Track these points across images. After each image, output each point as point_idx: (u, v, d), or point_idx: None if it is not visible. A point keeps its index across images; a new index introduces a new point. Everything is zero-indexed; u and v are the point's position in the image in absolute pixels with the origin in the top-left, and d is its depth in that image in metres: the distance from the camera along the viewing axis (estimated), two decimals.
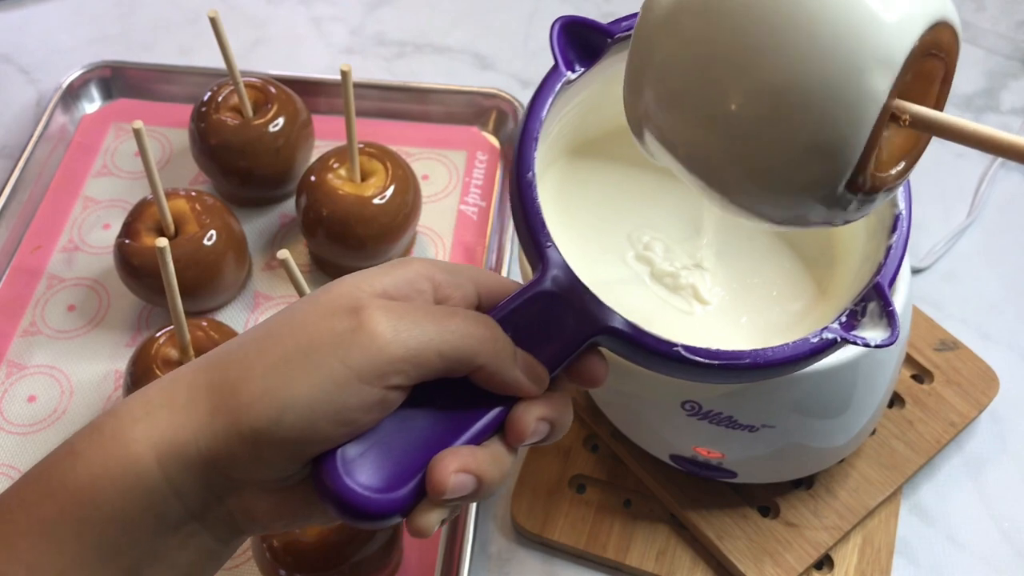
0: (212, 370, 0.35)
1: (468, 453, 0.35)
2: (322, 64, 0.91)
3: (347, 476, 0.34)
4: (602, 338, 0.39)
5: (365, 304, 0.34)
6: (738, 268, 0.49)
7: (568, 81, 0.42)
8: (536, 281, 0.39)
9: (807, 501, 0.63)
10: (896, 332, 0.38)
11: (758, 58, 0.31)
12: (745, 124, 0.32)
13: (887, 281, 0.40)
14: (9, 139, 0.86)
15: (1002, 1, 0.96)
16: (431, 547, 0.63)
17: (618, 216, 0.48)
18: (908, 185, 0.42)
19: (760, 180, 0.34)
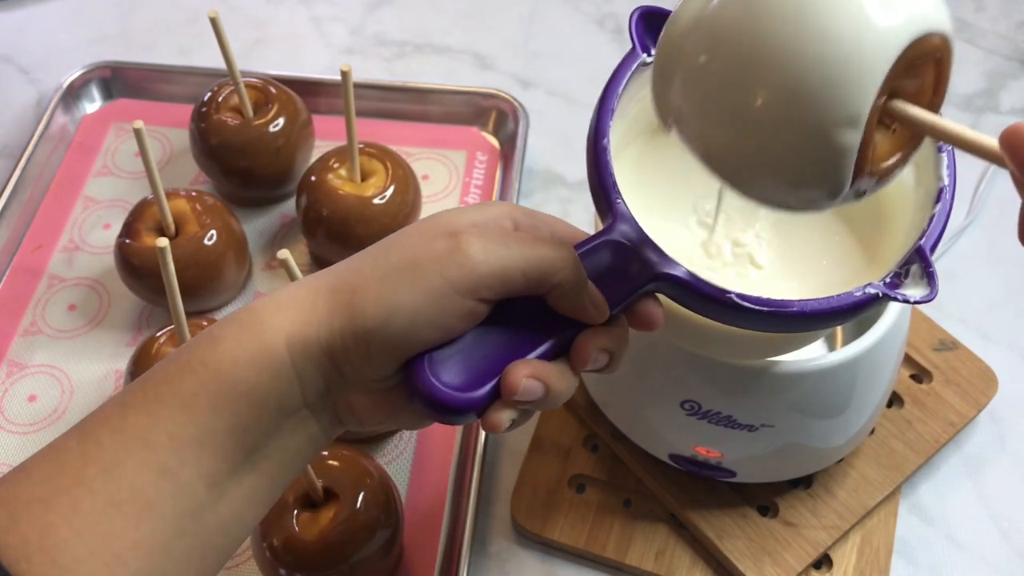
0: (333, 278, 0.40)
1: (539, 364, 0.40)
2: (322, 64, 0.92)
3: (433, 375, 0.39)
4: (662, 284, 0.43)
5: (461, 229, 0.39)
6: (792, 238, 0.52)
7: (644, 63, 0.47)
8: (605, 230, 0.44)
9: (806, 501, 0.63)
10: (935, 290, 0.41)
11: (759, 76, 0.34)
12: (750, 131, 0.36)
13: (929, 245, 0.43)
14: (10, 139, 0.86)
15: (1002, 1, 0.96)
16: (431, 547, 0.63)
17: (687, 186, 0.52)
18: (953, 160, 0.45)
19: (762, 177, 0.38)
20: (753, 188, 0.38)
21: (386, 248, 0.41)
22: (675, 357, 0.55)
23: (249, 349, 0.38)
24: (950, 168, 0.45)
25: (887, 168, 0.38)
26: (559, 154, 0.85)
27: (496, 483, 0.67)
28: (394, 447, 0.67)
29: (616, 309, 0.42)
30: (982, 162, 0.85)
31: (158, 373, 0.39)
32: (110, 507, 0.36)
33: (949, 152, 0.45)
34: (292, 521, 0.56)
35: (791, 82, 0.34)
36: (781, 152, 0.36)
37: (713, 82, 0.36)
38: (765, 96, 0.35)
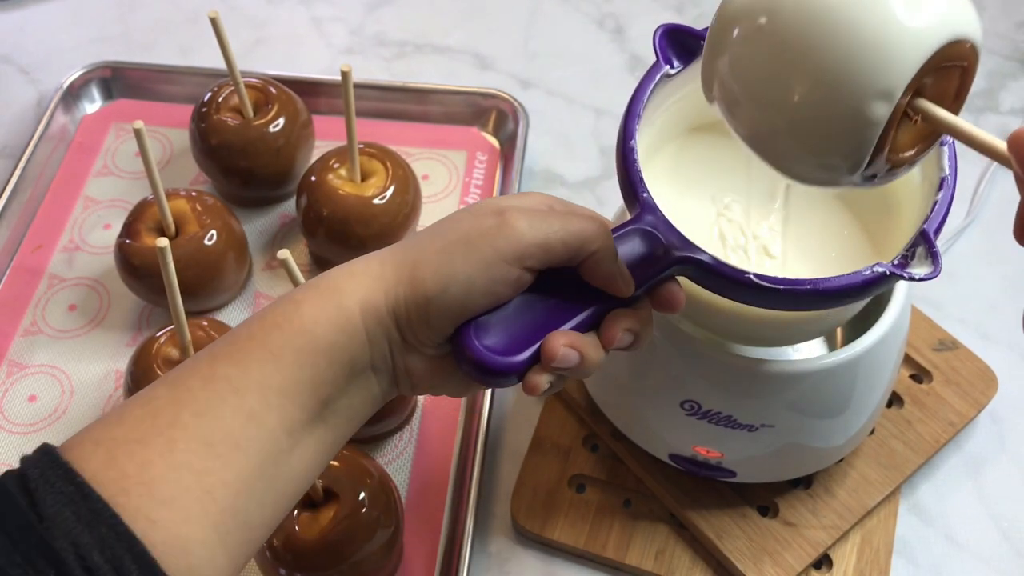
0: (398, 252, 0.45)
1: (575, 335, 0.44)
2: (322, 64, 0.92)
3: (479, 340, 0.44)
4: (686, 267, 0.47)
5: (507, 208, 0.44)
6: (803, 231, 0.56)
7: (667, 75, 0.51)
8: (633, 220, 0.48)
9: (806, 501, 0.63)
10: (938, 268, 0.45)
11: (800, 68, 0.39)
12: (786, 113, 0.41)
13: (933, 229, 0.46)
14: (10, 139, 0.86)
15: (1002, 1, 0.96)
16: (431, 546, 0.63)
17: (708, 181, 0.57)
18: (954, 152, 0.49)
19: (792, 139, 0.42)
20: (782, 148, 0.42)
21: (441, 227, 0.45)
22: (675, 357, 0.55)
23: (328, 311, 0.43)
24: (951, 160, 0.48)
25: (902, 159, 0.42)
26: (559, 154, 0.85)
27: (496, 483, 0.67)
28: (394, 447, 0.67)
29: (641, 290, 0.46)
30: (982, 163, 0.85)
31: (243, 330, 0.43)
32: (203, 446, 0.39)
33: (950, 145, 0.49)
34: (292, 521, 0.56)
35: (841, 53, 0.39)
36: (817, 112, 0.40)
37: (764, 47, 0.40)
38: (815, 62, 0.39)
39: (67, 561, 0.35)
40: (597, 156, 0.85)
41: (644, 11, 0.95)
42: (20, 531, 0.36)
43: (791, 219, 0.57)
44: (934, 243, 0.45)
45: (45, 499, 0.36)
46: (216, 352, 0.42)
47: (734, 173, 0.57)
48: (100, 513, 0.36)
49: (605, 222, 0.46)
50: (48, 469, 0.37)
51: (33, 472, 0.37)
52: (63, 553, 0.35)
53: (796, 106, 0.40)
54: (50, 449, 0.38)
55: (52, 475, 0.37)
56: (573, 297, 0.45)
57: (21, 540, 0.35)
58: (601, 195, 0.82)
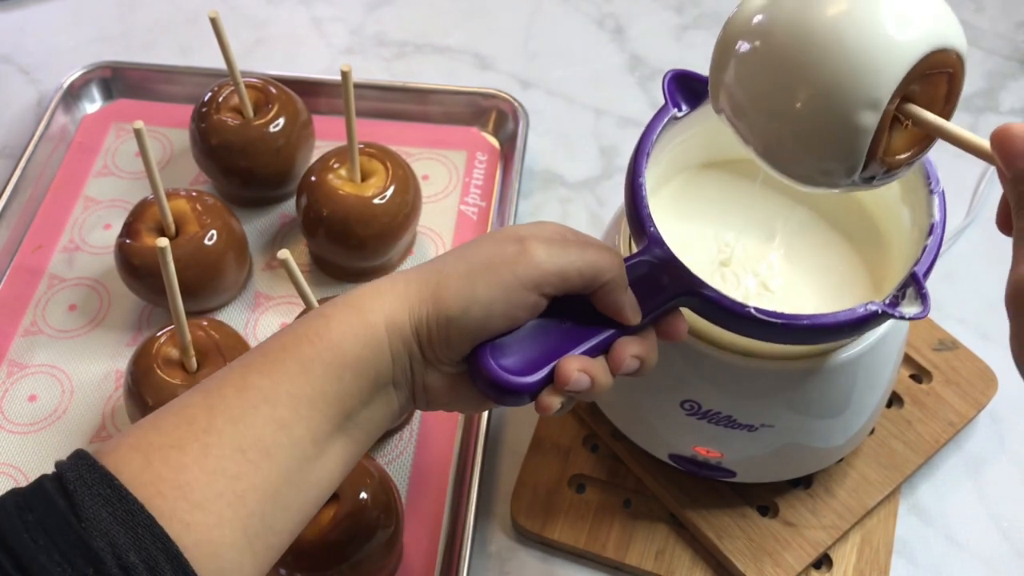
0: (423, 272, 0.47)
1: (587, 359, 0.47)
2: (322, 64, 0.92)
3: (495, 360, 0.46)
4: (688, 299, 0.49)
5: (527, 236, 0.46)
6: (801, 267, 0.59)
7: (676, 117, 0.55)
8: (640, 252, 0.50)
9: (806, 501, 0.63)
10: (927, 309, 0.48)
11: (794, 83, 0.43)
12: (785, 124, 0.44)
13: (922, 271, 0.49)
14: (10, 139, 0.86)
15: (1001, 2, 0.96)
16: (431, 546, 0.63)
17: (711, 216, 0.60)
18: (944, 201, 0.52)
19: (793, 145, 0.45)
20: (784, 156, 0.45)
21: (465, 251, 0.47)
22: (675, 357, 0.55)
23: (355, 327, 0.44)
24: (940, 208, 0.52)
25: (897, 161, 0.44)
26: (559, 154, 0.85)
27: (496, 483, 0.67)
28: (394, 447, 0.67)
29: (647, 319, 0.48)
30: (982, 163, 0.85)
31: (275, 342, 0.45)
32: (236, 452, 0.41)
33: (940, 194, 0.52)
34: None
35: (830, 68, 0.42)
36: (813, 123, 0.43)
37: (762, 65, 0.44)
38: (808, 78, 0.42)
39: (105, 560, 0.36)
40: (597, 156, 0.85)
41: (644, 11, 0.95)
42: (59, 530, 0.37)
43: (789, 255, 0.60)
44: (923, 285, 0.48)
45: (84, 500, 0.38)
46: (249, 363, 0.44)
47: (736, 209, 0.60)
48: (136, 514, 0.38)
49: (617, 254, 0.48)
50: (86, 472, 0.39)
51: (70, 475, 0.39)
52: (101, 552, 0.37)
53: (793, 117, 0.43)
54: (85, 454, 0.40)
55: (90, 477, 0.38)
56: (584, 323, 0.48)
57: (60, 539, 0.37)
58: (601, 195, 0.82)
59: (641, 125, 0.55)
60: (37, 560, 0.36)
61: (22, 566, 0.36)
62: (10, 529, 0.37)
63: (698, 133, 0.58)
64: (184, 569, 0.38)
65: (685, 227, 0.59)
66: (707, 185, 0.62)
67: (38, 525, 0.37)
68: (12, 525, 0.37)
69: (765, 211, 0.60)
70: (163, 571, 0.37)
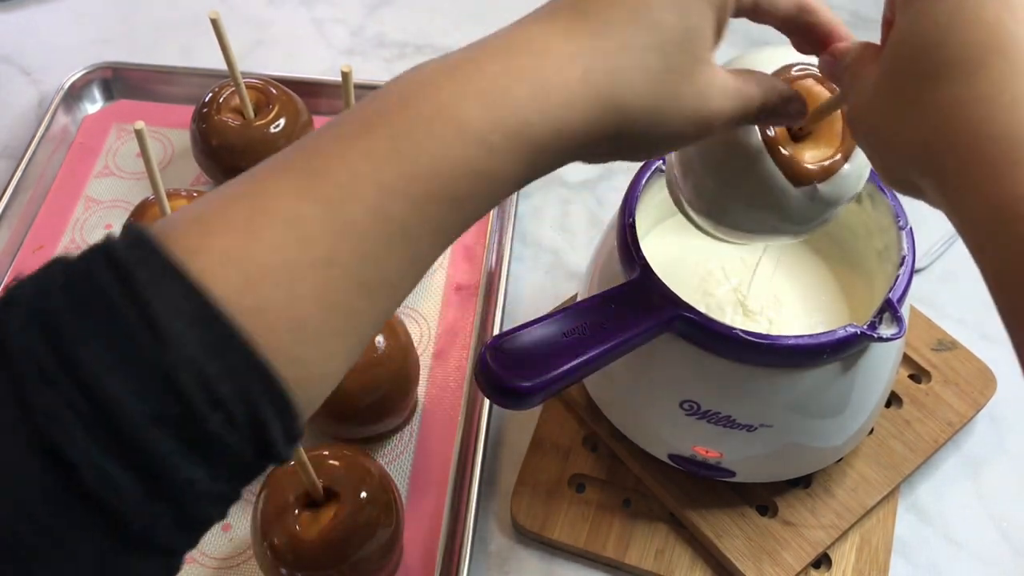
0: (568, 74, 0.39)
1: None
2: (323, 65, 0.92)
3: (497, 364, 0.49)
4: (678, 323, 0.53)
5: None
6: (784, 292, 0.65)
7: (661, 169, 0.60)
8: (630, 281, 0.55)
9: (805, 500, 0.63)
10: (902, 330, 0.53)
11: (718, 181, 0.49)
12: (724, 201, 0.49)
13: (896, 297, 0.54)
14: (11, 140, 0.86)
15: None
16: (431, 545, 0.63)
17: (698, 250, 0.64)
18: (912, 236, 0.57)
19: (741, 215, 0.50)
20: (740, 225, 0.50)
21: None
22: (675, 357, 0.56)
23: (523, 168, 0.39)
24: (909, 242, 0.57)
25: (829, 167, 0.47)
26: None
27: (496, 483, 0.67)
28: (394, 447, 0.68)
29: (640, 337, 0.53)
30: None
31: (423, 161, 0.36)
32: (362, 290, 0.35)
33: (908, 231, 0.57)
34: (293, 520, 0.56)
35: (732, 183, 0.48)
36: (742, 202, 0.48)
37: (698, 183, 0.50)
38: (722, 184, 0.49)
39: (192, 396, 0.30)
40: None
41: None
42: (131, 351, 0.30)
43: (772, 283, 0.64)
44: (898, 310, 0.54)
45: (164, 316, 0.30)
46: (386, 182, 0.35)
47: (721, 243, 0.62)
48: (231, 341, 0.31)
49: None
50: (161, 276, 0.31)
51: (141, 275, 0.31)
52: (187, 387, 0.30)
53: (732, 205, 0.49)
54: (155, 247, 0.32)
55: (168, 287, 0.31)
56: (585, 335, 0.51)
57: (134, 362, 0.30)
58: (601, 195, 0.82)
59: None
60: (108, 389, 0.30)
61: (91, 395, 0.29)
62: (70, 345, 0.30)
63: None
64: (286, 403, 0.32)
65: (673, 258, 0.63)
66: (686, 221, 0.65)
67: (104, 341, 0.30)
68: (71, 339, 0.30)
69: (744, 249, 0.65)
70: (261, 405, 0.32)
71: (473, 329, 0.73)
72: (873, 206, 0.60)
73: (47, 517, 0.29)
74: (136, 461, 0.30)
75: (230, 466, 0.32)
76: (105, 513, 0.30)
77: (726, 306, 0.63)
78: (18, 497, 0.29)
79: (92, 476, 0.29)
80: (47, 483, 0.29)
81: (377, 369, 0.62)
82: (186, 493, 0.31)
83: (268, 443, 0.32)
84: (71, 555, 0.30)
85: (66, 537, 0.30)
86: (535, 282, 0.77)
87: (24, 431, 0.29)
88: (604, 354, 0.51)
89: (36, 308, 0.31)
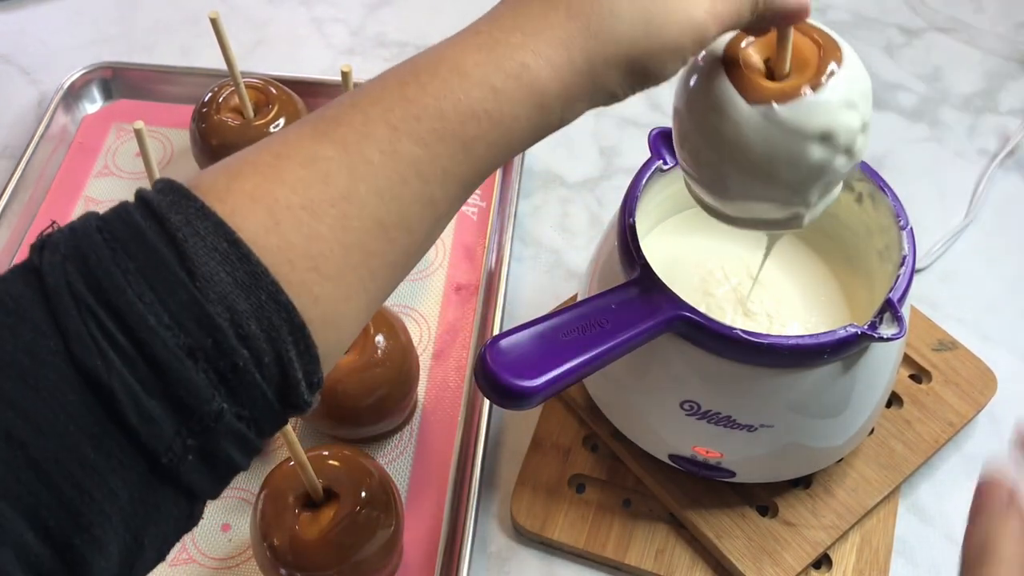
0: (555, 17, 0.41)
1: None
2: (323, 65, 0.92)
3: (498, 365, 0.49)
4: (678, 323, 0.52)
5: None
6: (784, 291, 0.65)
7: (662, 169, 0.60)
8: (631, 281, 0.54)
9: (805, 501, 0.63)
10: (903, 330, 0.53)
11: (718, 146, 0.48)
12: (694, 139, 0.49)
13: (896, 297, 0.54)
14: (10, 140, 0.86)
15: (1001, 2, 0.96)
16: (431, 546, 0.63)
17: (698, 251, 0.65)
18: (912, 236, 0.57)
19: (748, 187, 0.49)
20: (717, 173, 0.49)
21: None
22: (675, 357, 0.56)
23: (528, 108, 0.39)
24: (910, 242, 0.57)
25: (787, 90, 0.46)
26: (559, 154, 0.85)
27: (496, 483, 0.67)
28: (394, 447, 0.67)
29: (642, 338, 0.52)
30: (982, 163, 0.85)
31: (430, 106, 0.38)
32: (378, 228, 0.36)
33: (909, 231, 0.57)
34: (293, 521, 0.56)
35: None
36: (705, 127, 0.48)
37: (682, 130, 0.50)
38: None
39: (224, 329, 0.32)
40: (597, 156, 0.85)
41: None
42: (167, 286, 0.32)
43: (772, 282, 0.64)
44: (899, 310, 0.53)
45: (197, 253, 0.32)
46: (397, 124, 0.37)
47: (721, 243, 0.65)
48: (259, 278, 0.33)
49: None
50: (195, 218, 0.33)
51: (175, 218, 0.33)
52: (219, 319, 0.32)
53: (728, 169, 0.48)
54: (187, 192, 0.34)
55: (201, 227, 0.33)
56: (586, 335, 0.51)
57: (170, 297, 0.32)
58: (601, 195, 0.82)
59: (641, 125, 0.56)
60: (146, 323, 0.31)
61: (127, 324, 0.31)
62: (107, 279, 0.31)
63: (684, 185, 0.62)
64: (307, 344, 0.34)
65: (675, 257, 0.63)
66: (694, 224, 0.65)
67: (139, 276, 0.32)
68: (108, 272, 0.32)
69: (748, 243, 0.64)
70: (284, 342, 0.33)
71: (473, 329, 0.73)
72: (874, 206, 0.60)
73: (89, 450, 0.31)
74: (168, 390, 0.32)
75: (255, 405, 0.34)
76: (138, 444, 0.31)
77: (726, 306, 0.62)
78: (63, 429, 0.31)
79: (128, 404, 0.31)
80: (87, 413, 0.31)
81: (377, 369, 0.62)
82: (213, 428, 0.33)
83: (291, 385, 0.34)
84: (112, 494, 0.31)
85: (106, 472, 0.31)
86: (535, 282, 0.77)
87: (64, 360, 0.31)
88: (604, 354, 0.50)
89: (73, 246, 0.32)
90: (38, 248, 0.33)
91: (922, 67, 0.91)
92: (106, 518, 0.31)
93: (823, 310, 0.64)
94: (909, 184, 0.82)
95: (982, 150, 0.85)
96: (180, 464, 0.32)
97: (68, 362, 0.31)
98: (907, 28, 0.95)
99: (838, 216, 0.63)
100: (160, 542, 0.34)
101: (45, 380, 0.31)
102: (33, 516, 0.30)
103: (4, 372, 0.30)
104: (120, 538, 0.32)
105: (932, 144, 0.86)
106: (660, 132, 0.61)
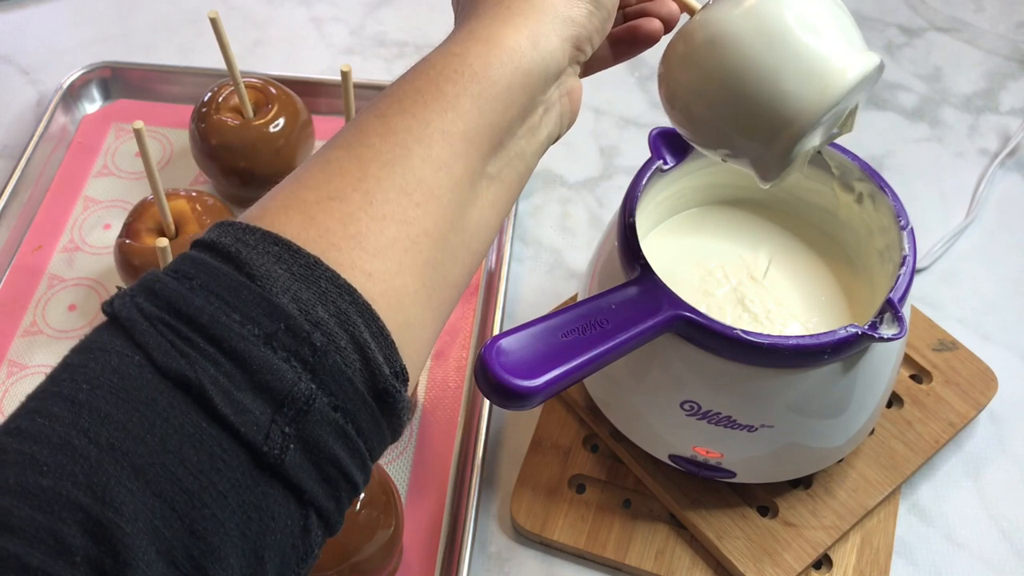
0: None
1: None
2: (322, 64, 0.92)
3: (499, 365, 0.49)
4: (678, 323, 0.52)
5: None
6: (784, 292, 0.64)
7: (662, 169, 0.61)
8: (632, 281, 0.54)
9: (806, 501, 0.63)
10: (904, 330, 0.53)
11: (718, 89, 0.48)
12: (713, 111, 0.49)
13: (897, 298, 0.54)
14: (10, 139, 0.86)
15: (1001, 2, 0.96)
16: (431, 546, 0.63)
17: (698, 251, 0.65)
18: (913, 236, 0.57)
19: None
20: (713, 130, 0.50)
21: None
22: (675, 357, 0.56)
23: (498, 55, 0.41)
24: (910, 243, 0.57)
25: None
26: (559, 154, 0.85)
27: (496, 483, 0.67)
28: (394, 447, 0.67)
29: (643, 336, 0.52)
30: (982, 163, 0.85)
31: (406, 88, 0.40)
32: (402, 195, 0.38)
33: (909, 231, 0.57)
34: None
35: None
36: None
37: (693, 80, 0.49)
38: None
39: (293, 315, 0.33)
40: (597, 156, 0.85)
41: None
42: (233, 291, 0.34)
43: (772, 282, 0.64)
44: (899, 310, 0.53)
45: (252, 259, 0.34)
46: (383, 111, 0.40)
47: (721, 243, 0.66)
48: (315, 268, 0.35)
49: None
50: (242, 234, 0.35)
51: (224, 240, 0.35)
52: (287, 307, 0.33)
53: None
54: (229, 222, 0.36)
55: (250, 239, 0.35)
56: (586, 336, 0.51)
57: (237, 300, 0.33)
58: (601, 195, 0.82)
59: (641, 125, 0.56)
60: (218, 321, 0.33)
61: (200, 324, 0.33)
62: (176, 296, 0.33)
63: (685, 186, 0.64)
64: (376, 320, 0.35)
65: (674, 258, 0.63)
66: (694, 224, 0.66)
67: (205, 290, 0.33)
68: (176, 292, 0.33)
69: (749, 243, 0.65)
70: (355, 324, 0.34)
71: (473, 329, 0.73)
72: (874, 206, 0.60)
73: (191, 451, 0.31)
74: (254, 379, 0.32)
75: (344, 395, 0.34)
76: (237, 436, 0.32)
77: (726, 306, 0.62)
78: (160, 432, 0.31)
79: (219, 397, 0.32)
80: (181, 414, 0.32)
81: None
82: (306, 412, 0.33)
83: (373, 371, 0.35)
84: (221, 496, 0.31)
85: (211, 473, 0.31)
86: (535, 282, 0.77)
87: (149, 370, 0.32)
88: (604, 354, 0.50)
89: (138, 286, 0.34)
90: (108, 302, 0.35)
91: (922, 67, 0.91)
92: (219, 524, 0.31)
93: (823, 310, 0.64)
94: (909, 184, 0.82)
95: (983, 150, 0.85)
96: (283, 455, 0.33)
97: (153, 370, 0.32)
98: (907, 28, 0.95)
99: (838, 216, 0.63)
100: (279, 561, 0.33)
101: (136, 392, 0.32)
102: (153, 533, 0.30)
103: (96, 393, 0.32)
104: (238, 549, 0.32)
105: (932, 144, 0.86)
106: (660, 132, 0.61)
